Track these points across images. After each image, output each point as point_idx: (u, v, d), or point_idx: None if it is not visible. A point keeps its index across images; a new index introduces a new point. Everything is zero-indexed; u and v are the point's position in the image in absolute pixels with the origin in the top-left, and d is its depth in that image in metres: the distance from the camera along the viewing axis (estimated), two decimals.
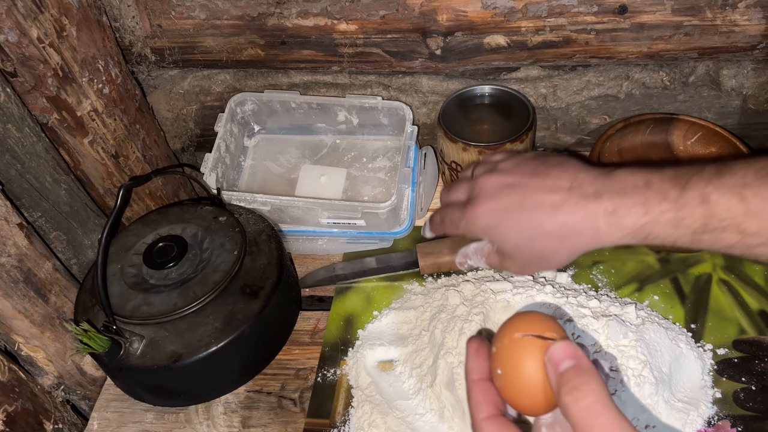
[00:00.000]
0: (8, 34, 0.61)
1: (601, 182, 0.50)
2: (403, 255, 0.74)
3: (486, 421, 0.38)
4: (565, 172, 0.52)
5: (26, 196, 0.66)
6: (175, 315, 0.62)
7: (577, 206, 0.49)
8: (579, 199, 0.49)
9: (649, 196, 0.47)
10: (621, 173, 0.50)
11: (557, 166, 0.53)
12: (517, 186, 0.53)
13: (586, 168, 0.52)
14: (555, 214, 0.50)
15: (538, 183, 0.52)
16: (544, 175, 0.53)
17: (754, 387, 0.60)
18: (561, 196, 0.50)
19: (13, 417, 0.59)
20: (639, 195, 0.48)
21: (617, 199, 0.48)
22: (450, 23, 0.73)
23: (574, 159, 0.54)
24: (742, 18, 0.69)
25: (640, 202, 0.47)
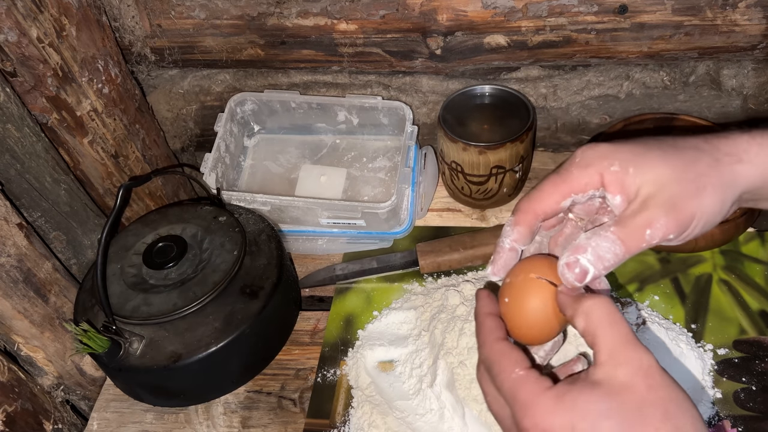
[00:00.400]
0: (8, 33, 0.61)
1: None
2: (403, 255, 0.74)
3: (497, 341, 0.41)
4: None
5: (26, 196, 0.66)
6: (174, 315, 0.62)
7: (723, 137, 0.42)
8: (722, 135, 0.42)
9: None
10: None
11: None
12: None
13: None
14: (711, 146, 0.41)
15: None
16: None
17: (754, 387, 0.60)
18: (702, 140, 0.42)
19: (12, 417, 0.59)
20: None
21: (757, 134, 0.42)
22: (450, 23, 0.72)
23: None
24: (742, 18, 0.69)
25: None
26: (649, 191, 0.40)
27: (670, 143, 0.42)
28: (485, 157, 0.71)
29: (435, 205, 0.81)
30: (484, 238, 0.72)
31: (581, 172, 0.41)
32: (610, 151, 0.41)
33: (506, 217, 0.78)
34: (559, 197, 0.42)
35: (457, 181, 0.76)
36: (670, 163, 0.40)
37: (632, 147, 0.41)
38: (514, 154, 0.72)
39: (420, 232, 0.78)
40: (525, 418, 0.37)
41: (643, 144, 0.42)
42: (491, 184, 0.75)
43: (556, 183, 0.42)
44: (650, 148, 0.41)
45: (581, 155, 0.42)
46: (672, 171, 0.40)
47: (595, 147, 0.42)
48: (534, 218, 0.43)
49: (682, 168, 0.40)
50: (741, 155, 0.41)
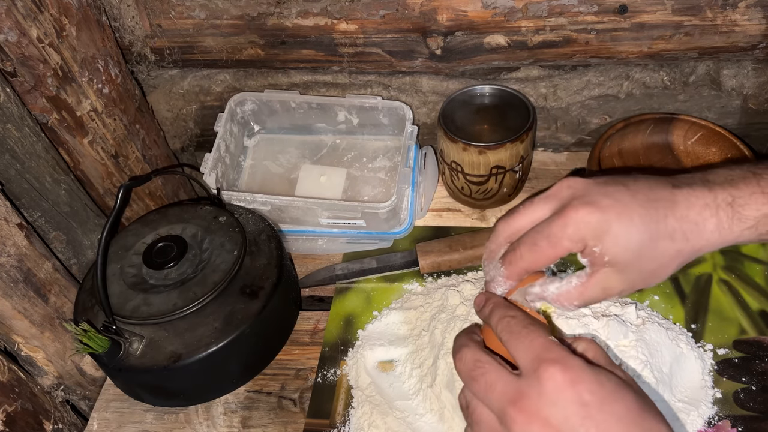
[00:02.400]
0: (8, 33, 0.61)
1: (701, 177, 0.46)
2: (403, 255, 0.74)
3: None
4: (653, 177, 0.47)
5: (26, 196, 0.66)
6: (174, 315, 0.62)
7: (692, 197, 0.44)
8: (690, 193, 0.45)
9: (764, 185, 0.44)
10: (717, 169, 0.47)
11: (638, 175, 0.48)
12: (617, 183, 0.46)
13: (673, 177, 0.47)
14: (673, 208, 0.44)
15: (636, 182, 0.46)
16: (635, 179, 0.47)
17: (754, 387, 0.60)
18: (670, 190, 0.45)
19: (12, 417, 0.59)
20: (752, 184, 0.44)
21: (731, 190, 0.44)
22: (450, 23, 0.72)
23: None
24: (742, 18, 0.69)
25: (758, 191, 0.44)
26: (616, 265, 0.45)
27: (651, 213, 0.45)
28: (485, 157, 0.71)
29: (435, 205, 0.81)
30: (484, 238, 0.72)
31: (571, 245, 0.45)
32: (600, 227, 0.44)
33: None
34: (550, 261, 0.46)
35: (457, 181, 0.76)
36: (642, 238, 0.44)
37: (618, 220, 0.44)
38: (514, 154, 0.72)
39: (420, 232, 0.78)
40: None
41: (627, 215, 0.44)
42: (491, 184, 0.75)
43: (550, 249, 0.45)
44: (632, 221, 0.44)
45: (574, 227, 0.44)
46: (641, 246, 0.44)
47: (587, 218, 0.44)
48: (523, 274, 0.48)
49: (651, 246, 0.44)
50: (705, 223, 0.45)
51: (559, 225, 0.45)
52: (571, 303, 0.47)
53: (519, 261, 0.47)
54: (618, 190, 0.45)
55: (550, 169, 0.84)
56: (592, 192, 0.45)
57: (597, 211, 0.44)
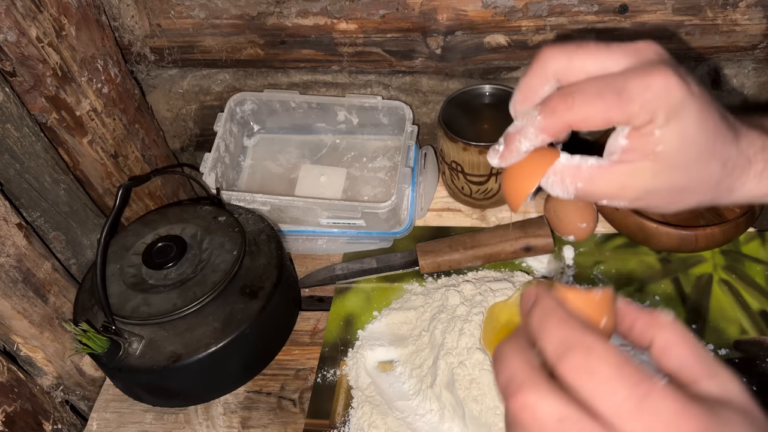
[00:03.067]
0: (7, 33, 0.61)
1: (760, 122, 0.43)
2: (403, 255, 0.74)
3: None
4: None
5: (25, 196, 0.66)
6: (174, 315, 0.62)
7: (754, 135, 0.41)
8: (753, 132, 0.41)
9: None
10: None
11: None
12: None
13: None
14: (737, 140, 0.40)
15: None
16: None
17: (754, 387, 0.60)
18: (739, 123, 0.41)
19: (12, 417, 0.59)
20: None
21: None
22: (450, 22, 0.72)
23: None
24: (742, 17, 0.69)
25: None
26: (661, 160, 0.38)
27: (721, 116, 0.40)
28: (485, 157, 0.71)
29: (435, 205, 0.81)
30: (484, 238, 0.72)
31: (641, 111, 0.36)
32: (681, 108, 0.37)
33: (506, 217, 0.78)
34: (605, 124, 0.37)
35: (457, 181, 0.76)
36: (704, 147, 0.38)
37: (698, 114, 0.37)
38: None
39: (420, 232, 0.78)
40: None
41: (706, 115, 0.38)
42: (491, 184, 0.75)
43: (615, 107, 0.37)
44: (707, 123, 0.38)
45: (654, 93, 0.36)
46: (698, 153, 0.38)
47: (672, 91, 0.37)
48: (565, 129, 0.38)
49: (705, 159, 0.39)
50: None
51: (640, 81, 0.36)
52: (574, 183, 0.38)
53: (566, 111, 0.37)
54: (702, 88, 0.39)
55: None
56: (682, 69, 0.38)
57: (684, 90, 0.37)
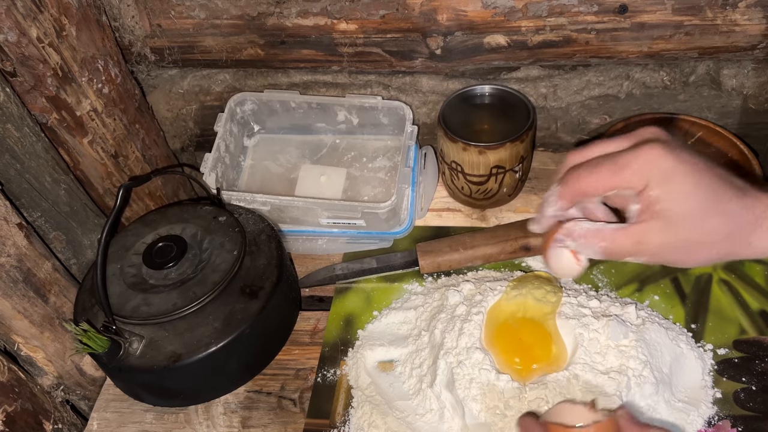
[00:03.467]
0: (8, 33, 0.61)
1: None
2: (403, 255, 0.74)
3: None
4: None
5: (26, 196, 0.66)
6: (174, 315, 0.62)
7: (760, 197, 0.44)
8: (761, 192, 0.45)
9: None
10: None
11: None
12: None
13: None
14: (743, 198, 0.44)
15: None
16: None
17: (754, 387, 0.60)
18: (740, 183, 0.45)
19: (12, 417, 0.59)
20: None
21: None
22: (450, 23, 0.72)
23: None
24: (742, 17, 0.69)
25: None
26: (665, 218, 0.43)
27: (725, 187, 0.44)
28: (485, 157, 0.71)
29: (435, 205, 0.81)
30: (484, 238, 0.72)
31: (633, 177, 0.43)
32: (669, 172, 0.43)
33: (506, 217, 0.78)
34: (607, 189, 0.45)
35: (457, 181, 0.76)
36: (703, 204, 0.43)
37: (689, 175, 0.43)
38: (514, 154, 0.72)
39: (420, 232, 0.78)
40: None
41: (699, 176, 0.43)
42: (491, 184, 0.75)
43: (611, 174, 0.44)
44: (700, 182, 0.43)
45: (644, 161, 0.43)
46: (698, 210, 0.43)
47: (661, 159, 0.43)
48: (578, 196, 0.46)
49: (707, 215, 0.43)
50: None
51: (630, 155, 0.44)
52: (599, 244, 0.45)
53: (575, 181, 0.45)
54: (697, 157, 0.44)
55: (550, 169, 0.84)
56: (674, 144, 0.44)
57: (673, 157, 0.43)
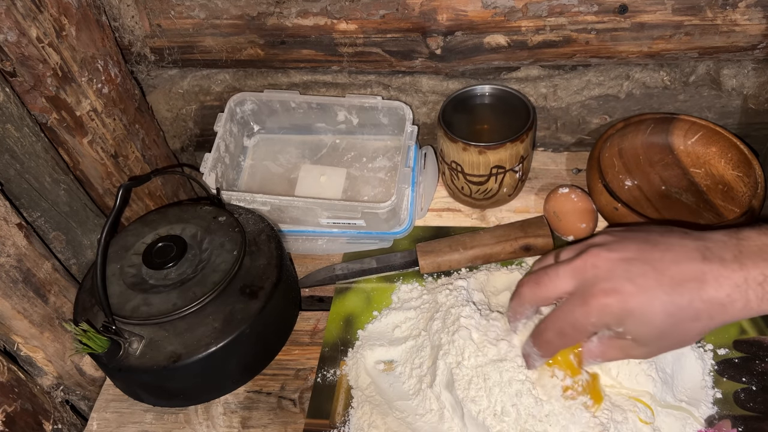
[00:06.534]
0: (7, 33, 0.61)
1: (734, 246, 0.44)
2: (403, 255, 0.74)
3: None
4: (685, 237, 0.46)
5: (25, 196, 0.66)
6: (174, 315, 0.62)
7: (721, 277, 0.43)
8: (721, 269, 0.44)
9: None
10: (750, 233, 0.45)
11: (669, 233, 0.47)
12: (642, 260, 0.46)
13: (703, 232, 0.46)
14: (701, 289, 0.44)
15: (665, 255, 0.45)
16: (665, 246, 0.46)
17: (754, 387, 0.60)
18: (699, 266, 0.44)
19: (12, 417, 0.59)
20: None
21: (764, 266, 0.43)
22: (450, 23, 0.72)
23: (674, 227, 0.49)
24: (742, 18, 0.69)
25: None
26: (637, 341, 0.47)
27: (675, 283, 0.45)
28: (485, 157, 0.71)
29: (435, 205, 0.81)
30: (484, 238, 0.72)
31: (595, 329, 0.48)
32: (621, 314, 0.46)
33: (506, 217, 0.78)
34: (577, 342, 0.51)
35: (457, 181, 0.76)
36: (665, 323, 0.45)
37: (641, 307, 0.45)
38: (514, 154, 0.72)
39: (420, 232, 0.78)
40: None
41: (650, 302, 0.45)
42: (491, 184, 0.75)
43: (575, 334, 0.48)
44: (654, 308, 0.45)
45: (597, 315, 0.46)
46: (663, 329, 0.45)
47: (610, 308, 0.46)
48: (556, 352, 0.52)
49: (674, 328, 0.45)
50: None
51: (582, 313, 0.46)
52: (594, 360, 0.50)
53: (550, 345, 0.50)
54: (644, 272, 0.45)
55: (550, 169, 0.84)
56: (616, 275, 0.46)
57: (619, 299, 0.45)
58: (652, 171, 0.77)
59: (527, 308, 0.52)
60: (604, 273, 0.46)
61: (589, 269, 0.47)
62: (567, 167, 0.84)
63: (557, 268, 0.49)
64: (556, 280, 0.48)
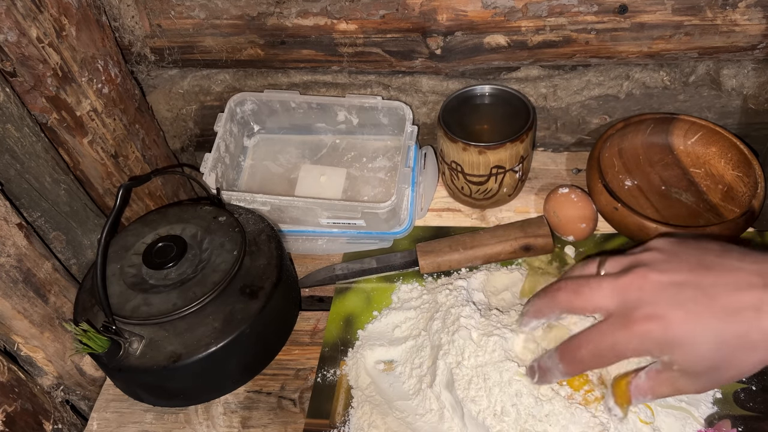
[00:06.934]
0: (7, 33, 0.61)
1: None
2: (403, 255, 0.74)
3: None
4: (744, 260, 0.43)
5: (25, 196, 0.66)
6: (174, 315, 0.62)
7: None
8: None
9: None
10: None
11: (728, 254, 0.44)
12: (694, 285, 0.42)
13: (762, 253, 0.43)
14: (759, 318, 0.40)
15: (720, 279, 0.42)
16: (720, 267, 0.43)
17: (754, 387, 0.60)
18: (758, 294, 0.40)
19: (12, 417, 0.59)
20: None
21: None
22: (450, 23, 0.72)
23: (730, 243, 0.45)
24: (742, 18, 0.69)
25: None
26: (686, 373, 0.44)
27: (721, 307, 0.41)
28: (485, 157, 0.71)
29: (435, 205, 0.81)
30: (484, 238, 0.72)
31: (636, 356, 0.45)
32: (667, 342, 0.42)
33: (506, 217, 0.78)
34: (609, 365, 0.47)
35: (457, 181, 0.76)
36: (718, 354, 0.42)
37: (690, 336, 0.42)
38: (514, 154, 0.72)
39: (420, 232, 0.78)
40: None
41: (701, 330, 0.42)
42: (491, 184, 0.75)
43: (613, 358, 0.45)
44: (705, 336, 0.41)
45: (639, 341, 0.43)
46: (716, 359, 0.42)
47: (653, 335, 0.42)
48: (581, 372, 0.49)
49: (728, 359, 0.42)
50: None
51: (623, 337, 0.43)
52: (644, 397, 0.47)
53: (580, 364, 0.46)
54: (694, 297, 0.42)
55: (550, 169, 0.84)
56: (663, 299, 0.42)
57: (664, 325, 0.42)
58: (652, 171, 0.77)
59: (556, 313, 0.49)
60: (649, 297, 0.43)
61: (635, 291, 0.44)
62: (567, 167, 0.84)
63: (600, 282, 0.46)
64: (598, 294, 0.45)
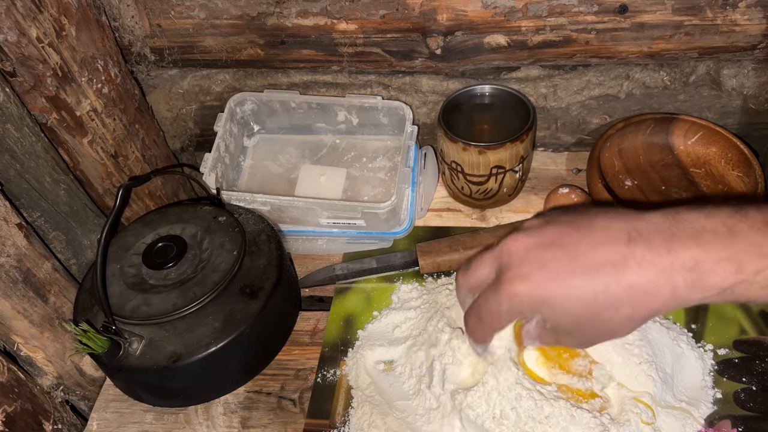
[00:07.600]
0: (7, 33, 0.61)
1: (667, 228, 0.40)
2: (403, 255, 0.74)
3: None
4: (615, 219, 0.42)
5: (25, 196, 0.66)
6: (174, 315, 0.62)
7: (645, 262, 0.39)
8: (645, 252, 0.40)
9: (739, 248, 0.38)
10: (689, 215, 0.40)
11: (601, 215, 0.43)
12: (558, 245, 0.43)
13: (638, 213, 0.42)
14: (619, 274, 0.40)
15: (585, 238, 0.42)
16: (588, 227, 0.42)
17: (754, 387, 0.60)
18: (620, 249, 0.40)
19: (12, 417, 0.59)
20: (724, 246, 0.38)
21: (696, 251, 0.38)
22: (450, 23, 0.72)
23: (616, 208, 0.44)
24: (742, 18, 0.69)
25: (727, 256, 0.38)
26: (559, 329, 0.45)
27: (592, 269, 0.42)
28: (485, 157, 0.71)
29: (435, 205, 0.81)
30: (484, 238, 0.72)
31: (511, 317, 0.46)
32: (533, 301, 0.44)
33: (506, 217, 0.78)
34: (498, 330, 0.48)
35: (457, 181, 0.76)
36: (580, 310, 0.42)
37: (552, 294, 0.43)
38: (514, 154, 0.72)
39: (420, 232, 0.78)
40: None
41: (563, 288, 0.42)
42: (491, 184, 0.75)
43: (493, 322, 0.47)
44: (567, 295, 0.42)
45: (509, 303, 0.44)
46: (580, 317, 0.43)
47: (520, 295, 0.44)
48: (486, 340, 0.51)
49: (592, 317, 0.42)
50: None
51: (495, 301, 0.45)
52: (532, 342, 0.48)
53: (473, 331, 0.49)
54: (556, 257, 0.42)
55: (550, 169, 0.84)
56: (529, 261, 0.43)
57: (528, 286, 0.43)
58: (652, 171, 0.77)
59: (463, 295, 0.50)
60: (516, 259, 0.44)
61: (505, 255, 0.45)
62: (567, 167, 0.84)
63: (483, 254, 0.47)
64: (480, 266, 0.47)
